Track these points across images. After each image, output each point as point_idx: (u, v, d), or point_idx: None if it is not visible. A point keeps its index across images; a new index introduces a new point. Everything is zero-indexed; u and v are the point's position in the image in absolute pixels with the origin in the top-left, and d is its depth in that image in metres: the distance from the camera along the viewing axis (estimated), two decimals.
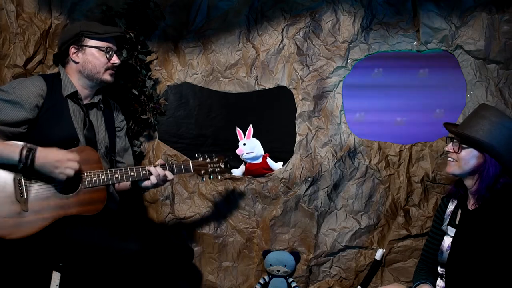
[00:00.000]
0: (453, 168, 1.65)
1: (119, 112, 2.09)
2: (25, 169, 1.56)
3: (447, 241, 1.71)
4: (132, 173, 1.78)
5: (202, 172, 1.98)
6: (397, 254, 2.59)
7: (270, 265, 2.52)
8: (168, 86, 2.63)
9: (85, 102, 1.86)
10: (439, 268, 1.76)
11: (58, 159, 1.58)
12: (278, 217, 2.59)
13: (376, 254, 2.56)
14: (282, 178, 2.59)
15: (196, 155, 2.01)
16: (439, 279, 1.76)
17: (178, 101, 2.65)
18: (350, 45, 2.58)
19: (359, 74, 2.61)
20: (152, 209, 2.62)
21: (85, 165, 1.70)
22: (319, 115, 2.61)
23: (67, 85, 1.79)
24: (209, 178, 2.01)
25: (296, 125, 2.61)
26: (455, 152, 1.63)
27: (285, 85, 2.62)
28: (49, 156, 1.57)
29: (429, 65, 2.58)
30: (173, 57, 2.64)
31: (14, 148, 1.55)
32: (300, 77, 2.59)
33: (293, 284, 2.53)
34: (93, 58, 1.80)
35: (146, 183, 1.83)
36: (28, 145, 1.57)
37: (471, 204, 1.67)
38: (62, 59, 1.85)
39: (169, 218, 2.61)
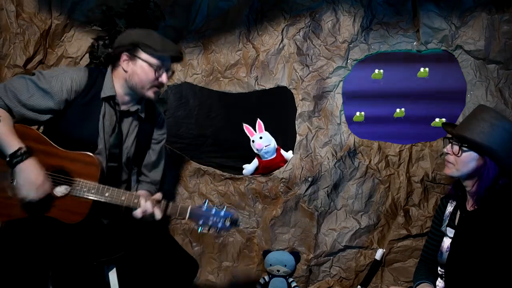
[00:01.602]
0: (451, 170, 1.64)
1: (161, 125, 1.96)
2: (9, 164, 1.55)
3: (446, 242, 1.71)
4: (123, 198, 1.67)
5: (200, 222, 1.71)
6: (397, 254, 2.59)
7: (270, 265, 2.52)
8: (168, 86, 2.63)
9: (122, 108, 1.79)
10: (439, 268, 1.76)
11: (33, 181, 1.55)
12: (278, 217, 2.59)
13: (376, 254, 2.56)
14: (282, 178, 2.59)
15: (204, 202, 1.77)
16: (439, 279, 1.76)
17: (178, 101, 2.65)
18: (350, 45, 2.58)
19: (359, 74, 2.61)
20: None
21: (83, 174, 1.66)
22: (319, 115, 2.61)
23: (107, 87, 1.74)
24: (208, 230, 1.75)
25: (296, 125, 2.61)
26: (455, 154, 1.62)
27: (285, 85, 2.62)
28: (30, 171, 1.55)
29: (429, 65, 2.58)
30: None
31: (15, 143, 1.55)
32: (300, 77, 2.60)
33: (293, 284, 2.53)
34: (142, 72, 1.71)
35: (135, 212, 1.69)
36: (27, 149, 1.56)
37: (470, 205, 1.67)
38: (113, 61, 1.78)
39: (169, 218, 2.61)
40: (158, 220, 1.70)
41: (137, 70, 1.71)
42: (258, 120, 2.62)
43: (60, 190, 1.65)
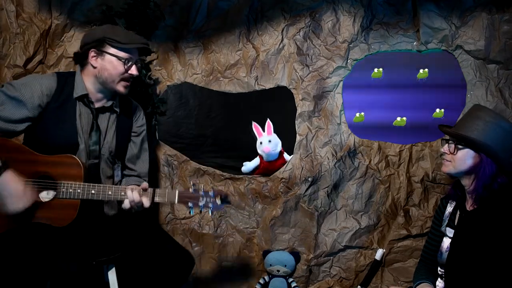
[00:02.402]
0: (448, 168, 1.65)
1: (139, 117, 1.99)
2: None
3: (446, 242, 1.71)
4: (109, 192, 1.69)
5: (189, 204, 1.73)
6: (397, 254, 2.59)
7: (270, 265, 2.52)
8: (168, 86, 2.63)
9: (97, 105, 1.81)
10: (438, 268, 1.76)
11: (14, 193, 1.53)
12: (278, 217, 2.59)
13: (376, 254, 2.56)
14: (282, 178, 2.59)
15: (191, 182, 1.87)
16: (439, 279, 1.76)
17: (178, 101, 2.65)
18: (350, 45, 2.58)
19: (359, 74, 2.61)
20: (152, 209, 2.61)
21: (67, 176, 1.66)
22: (319, 115, 2.61)
23: (79, 87, 1.76)
24: (200, 212, 1.84)
25: (296, 125, 2.61)
26: (451, 153, 1.63)
27: (285, 85, 2.62)
28: (9, 184, 1.53)
29: (429, 65, 2.58)
30: (173, 57, 2.64)
31: None
32: (300, 77, 2.60)
33: (293, 284, 2.53)
34: (111, 66, 1.74)
35: (124, 205, 1.72)
36: (2, 164, 1.53)
37: (469, 205, 1.67)
38: (81, 60, 1.80)
39: (169, 218, 2.61)
40: (148, 208, 1.71)
41: (106, 65, 1.74)
42: (268, 120, 2.61)
43: (46, 195, 1.65)
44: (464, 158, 1.60)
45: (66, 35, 2.52)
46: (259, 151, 2.59)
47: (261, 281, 2.56)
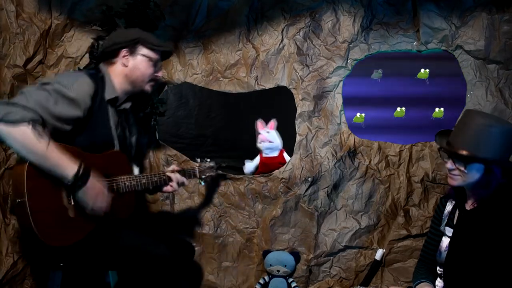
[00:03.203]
0: (458, 182, 1.61)
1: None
2: (71, 186, 1.52)
3: (445, 242, 1.71)
4: (155, 179, 1.87)
5: (203, 176, 2.18)
6: (397, 254, 2.59)
7: (270, 265, 2.52)
8: (168, 86, 2.63)
9: (119, 107, 1.84)
10: (438, 268, 1.76)
11: (100, 192, 1.59)
12: (278, 217, 2.59)
13: (376, 254, 2.56)
14: (282, 178, 2.59)
15: (200, 160, 2.23)
16: (438, 278, 1.76)
17: (178, 101, 2.65)
18: (350, 45, 2.58)
19: (359, 74, 2.61)
20: (152, 209, 2.62)
21: (117, 170, 1.73)
22: (319, 115, 2.61)
23: (110, 88, 1.76)
24: (206, 181, 2.22)
25: (296, 125, 2.61)
26: (460, 171, 1.59)
27: (285, 85, 2.62)
28: (95, 188, 1.56)
29: (429, 65, 2.58)
30: (173, 57, 2.63)
31: (71, 163, 1.50)
32: (300, 77, 2.60)
33: (293, 284, 2.53)
34: (143, 66, 1.80)
35: (165, 188, 1.94)
36: (84, 165, 1.53)
37: (468, 204, 1.67)
38: (107, 58, 1.80)
39: (169, 218, 2.61)
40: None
41: (138, 65, 1.79)
42: (273, 119, 2.61)
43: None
44: (475, 172, 1.57)
45: (66, 35, 2.52)
46: (257, 144, 2.60)
47: (261, 281, 2.56)
